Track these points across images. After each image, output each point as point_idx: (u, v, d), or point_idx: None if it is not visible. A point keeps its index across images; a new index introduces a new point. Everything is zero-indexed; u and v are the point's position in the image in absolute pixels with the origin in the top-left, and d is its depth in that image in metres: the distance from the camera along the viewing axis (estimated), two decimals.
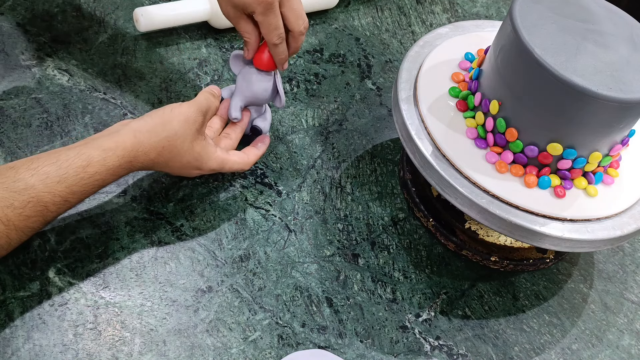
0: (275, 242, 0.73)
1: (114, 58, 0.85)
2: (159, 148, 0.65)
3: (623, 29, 0.66)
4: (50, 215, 0.60)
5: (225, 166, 0.71)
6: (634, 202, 0.69)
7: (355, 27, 0.99)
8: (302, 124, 0.84)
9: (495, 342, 0.71)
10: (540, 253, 0.75)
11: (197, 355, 0.63)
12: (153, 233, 0.70)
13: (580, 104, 0.60)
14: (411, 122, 0.69)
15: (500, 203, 0.65)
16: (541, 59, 0.60)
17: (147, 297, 0.66)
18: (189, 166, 0.68)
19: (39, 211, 0.59)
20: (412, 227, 0.78)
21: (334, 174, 0.80)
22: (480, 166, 0.67)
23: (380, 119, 0.88)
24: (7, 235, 0.58)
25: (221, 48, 0.90)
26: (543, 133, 0.64)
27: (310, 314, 0.68)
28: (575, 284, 0.77)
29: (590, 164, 0.66)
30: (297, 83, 0.89)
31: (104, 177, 0.62)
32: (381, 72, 0.93)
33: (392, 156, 0.84)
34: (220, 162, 0.70)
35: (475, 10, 1.08)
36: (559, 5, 0.66)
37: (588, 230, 0.65)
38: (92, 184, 0.61)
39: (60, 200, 0.60)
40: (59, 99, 0.79)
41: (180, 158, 0.67)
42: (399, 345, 0.68)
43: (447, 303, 0.72)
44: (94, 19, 0.88)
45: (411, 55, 0.76)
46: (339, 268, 0.72)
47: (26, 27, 0.85)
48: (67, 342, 0.61)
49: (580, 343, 0.72)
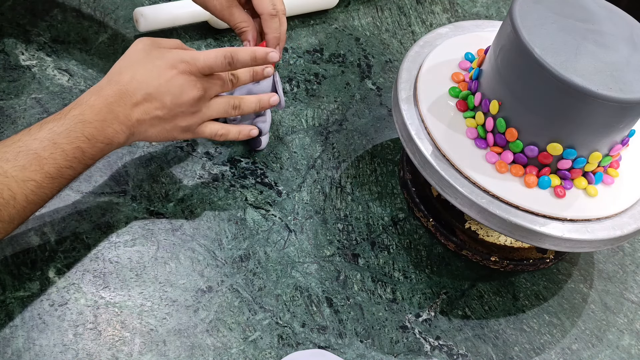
0: (275, 242, 0.73)
1: (114, 58, 0.84)
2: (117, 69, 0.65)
3: (623, 29, 0.66)
4: (47, 164, 0.59)
5: (196, 55, 0.65)
6: (634, 202, 0.69)
7: (355, 27, 0.99)
8: (302, 124, 0.84)
9: (495, 342, 0.71)
10: (540, 253, 0.75)
11: (197, 355, 0.63)
12: (153, 233, 0.70)
13: (580, 104, 0.60)
14: (411, 122, 0.69)
15: (500, 203, 0.65)
16: (541, 59, 0.60)
17: (147, 297, 0.66)
18: (156, 69, 0.64)
19: (32, 159, 0.58)
20: (412, 227, 0.78)
21: (334, 174, 0.80)
22: (480, 166, 0.67)
23: (380, 119, 0.88)
24: (8, 187, 0.57)
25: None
26: (543, 133, 0.64)
27: (310, 314, 0.68)
28: (575, 284, 0.77)
29: (590, 164, 0.66)
30: (297, 83, 0.89)
31: (82, 111, 0.61)
32: (381, 72, 0.93)
33: (392, 156, 0.84)
34: (189, 52, 0.66)
35: (475, 10, 1.08)
36: (559, 5, 0.66)
37: (588, 230, 0.65)
38: (72, 122, 0.60)
39: (49, 144, 0.59)
40: (59, 99, 0.79)
41: (143, 66, 0.64)
42: (399, 345, 0.68)
43: (447, 303, 0.72)
44: (94, 19, 0.88)
45: (411, 55, 0.76)
46: (339, 268, 0.72)
47: (26, 27, 0.85)
48: (67, 342, 0.62)
49: (580, 343, 0.72)
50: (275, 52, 0.67)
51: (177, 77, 0.64)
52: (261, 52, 0.67)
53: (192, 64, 0.65)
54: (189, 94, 0.65)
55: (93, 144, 0.61)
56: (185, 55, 0.65)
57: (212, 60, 0.65)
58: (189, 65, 0.65)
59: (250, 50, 0.67)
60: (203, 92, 0.66)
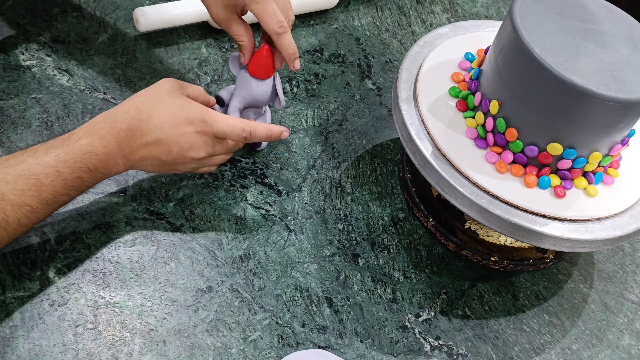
0: (275, 242, 0.73)
1: (114, 58, 0.85)
2: (137, 103, 0.64)
3: (623, 29, 0.66)
4: (46, 191, 0.59)
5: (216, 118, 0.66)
6: (634, 202, 0.69)
7: (355, 27, 0.99)
8: (302, 124, 0.84)
9: (495, 342, 0.71)
10: (540, 253, 0.75)
11: (197, 355, 0.63)
12: (153, 233, 0.70)
13: (580, 104, 0.60)
14: (411, 122, 0.69)
15: (500, 203, 0.65)
16: (541, 59, 0.60)
17: (147, 297, 0.66)
18: (176, 118, 0.64)
19: (32, 185, 0.58)
20: (412, 227, 0.78)
21: (334, 174, 0.80)
22: (480, 166, 0.67)
23: (380, 119, 0.88)
24: (3, 210, 0.57)
25: (221, 48, 0.90)
26: (543, 133, 0.64)
27: (310, 314, 0.68)
28: (575, 284, 0.77)
29: (590, 164, 0.66)
30: (297, 83, 0.89)
31: (91, 142, 0.61)
32: (381, 72, 0.93)
33: (392, 156, 0.84)
34: (211, 112, 0.66)
35: (475, 10, 1.08)
36: (559, 5, 0.66)
37: (588, 230, 0.65)
38: (79, 152, 0.60)
39: (52, 172, 0.59)
40: (59, 99, 0.79)
41: (163, 110, 0.64)
42: (399, 345, 0.68)
43: (447, 303, 0.72)
44: (94, 19, 0.88)
45: (411, 55, 0.76)
46: (339, 268, 0.72)
47: (26, 27, 0.85)
48: (67, 342, 0.62)
49: (580, 343, 0.72)
50: (287, 131, 0.71)
51: (190, 134, 0.65)
52: (277, 132, 0.71)
53: (209, 125, 0.66)
54: (196, 152, 0.67)
55: (94, 174, 0.62)
56: (205, 115, 0.66)
57: (229, 129, 0.67)
58: (206, 125, 0.66)
59: (267, 130, 0.70)
60: (210, 152, 0.68)
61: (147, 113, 0.64)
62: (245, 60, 0.72)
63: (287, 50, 0.69)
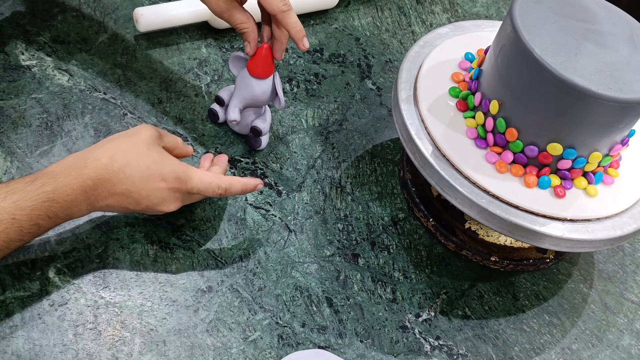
0: (275, 242, 0.73)
1: (114, 58, 0.85)
2: (111, 150, 0.61)
3: (623, 29, 0.66)
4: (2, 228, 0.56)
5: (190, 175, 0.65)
6: (634, 202, 0.69)
7: (355, 27, 0.99)
8: (302, 124, 0.84)
9: (495, 342, 0.71)
10: (540, 253, 0.75)
11: (197, 355, 0.63)
12: (153, 233, 0.70)
13: (580, 104, 0.60)
14: (411, 122, 0.69)
15: (500, 203, 0.65)
16: (541, 59, 0.60)
17: (147, 297, 0.66)
18: (149, 173, 0.62)
19: None
20: (412, 227, 0.78)
21: (334, 174, 0.80)
22: (480, 166, 0.67)
23: (380, 119, 0.88)
24: None
25: (221, 48, 0.90)
26: (543, 133, 0.64)
27: (310, 314, 0.68)
28: (575, 284, 0.77)
29: (590, 164, 0.66)
30: (297, 83, 0.89)
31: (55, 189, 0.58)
32: (381, 72, 0.93)
33: (392, 156, 0.84)
34: (185, 169, 0.64)
35: (475, 10, 1.08)
36: (559, 5, 0.66)
37: (588, 230, 0.65)
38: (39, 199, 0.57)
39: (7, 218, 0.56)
40: (59, 99, 0.79)
41: (137, 162, 0.62)
42: (399, 345, 0.68)
43: (447, 303, 0.72)
44: (94, 19, 0.88)
45: (411, 55, 0.76)
46: (339, 268, 0.72)
47: (26, 27, 0.85)
48: (67, 342, 0.62)
49: (580, 343, 0.72)
50: (262, 183, 0.69)
51: (162, 190, 0.63)
52: (252, 185, 0.68)
53: (183, 182, 0.64)
54: (166, 206, 0.65)
55: (53, 220, 0.60)
56: (180, 172, 0.64)
57: (204, 187, 0.65)
58: (179, 182, 0.64)
59: (242, 184, 0.67)
60: (180, 205, 0.66)
61: (120, 164, 0.61)
62: (250, 49, 0.70)
63: (295, 28, 0.67)
